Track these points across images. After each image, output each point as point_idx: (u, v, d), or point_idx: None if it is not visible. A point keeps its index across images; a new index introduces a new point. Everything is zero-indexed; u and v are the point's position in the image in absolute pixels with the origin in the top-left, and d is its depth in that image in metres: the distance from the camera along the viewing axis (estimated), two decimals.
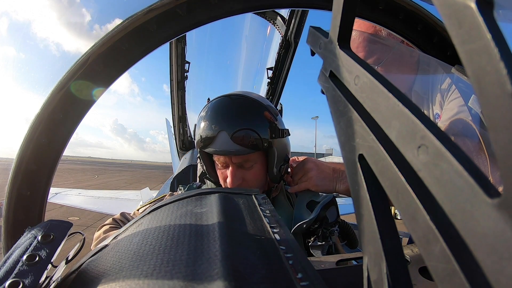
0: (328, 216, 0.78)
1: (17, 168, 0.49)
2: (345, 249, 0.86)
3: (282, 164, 0.91)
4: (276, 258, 0.25)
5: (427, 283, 0.39)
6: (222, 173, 0.90)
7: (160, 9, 0.52)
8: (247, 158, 0.85)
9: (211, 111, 0.86)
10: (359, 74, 0.23)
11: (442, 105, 0.94)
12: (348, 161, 0.24)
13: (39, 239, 0.33)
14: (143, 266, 0.24)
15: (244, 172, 0.87)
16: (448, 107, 0.89)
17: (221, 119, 0.83)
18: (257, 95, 0.93)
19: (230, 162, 0.86)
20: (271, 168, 0.88)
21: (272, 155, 0.86)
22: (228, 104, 0.86)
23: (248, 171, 0.87)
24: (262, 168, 0.89)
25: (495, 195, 0.12)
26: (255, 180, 0.88)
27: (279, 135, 0.86)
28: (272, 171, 0.88)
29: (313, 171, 0.93)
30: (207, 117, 0.85)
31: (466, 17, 0.13)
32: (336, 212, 0.82)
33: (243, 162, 0.86)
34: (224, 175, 0.89)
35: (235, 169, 0.86)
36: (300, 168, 0.97)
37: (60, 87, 0.49)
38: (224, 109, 0.85)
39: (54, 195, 5.94)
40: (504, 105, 0.11)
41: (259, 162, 0.88)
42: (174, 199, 0.38)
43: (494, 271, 0.12)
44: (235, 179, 0.85)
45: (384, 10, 0.65)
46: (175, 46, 1.85)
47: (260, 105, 0.86)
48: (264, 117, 0.85)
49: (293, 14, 1.54)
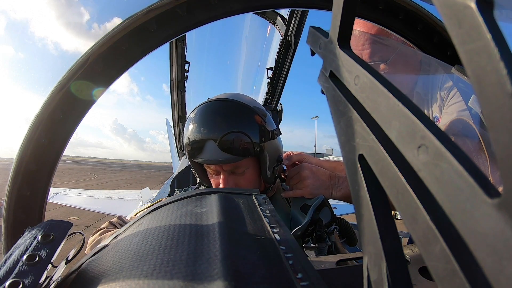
0: (322, 218, 0.78)
1: (17, 168, 0.49)
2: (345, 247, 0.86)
3: (276, 165, 0.90)
4: (276, 258, 0.25)
5: (427, 283, 0.39)
6: (214, 181, 0.89)
7: (160, 9, 0.52)
8: (238, 164, 0.83)
9: (198, 116, 0.83)
10: (359, 74, 0.23)
11: (441, 108, 0.94)
12: (348, 161, 0.24)
13: (39, 239, 0.33)
14: (143, 266, 0.24)
15: (237, 178, 0.86)
16: (448, 111, 0.89)
17: (207, 125, 0.80)
18: (246, 97, 0.90)
19: (221, 170, 0.85)
20: (264, 171, 0.86)
21: (263, 160, 0.84)
22: (214, 109, 0.83)
23: (241, 176, 0.86)
24: (255, 173, 0.87)
25: (495, 195, 0.12)
26: (249, 185, 0.87)
27: (269, 137, 0.83)
28: (266, 174, 0.86)
29: (309, 180, 0.92)
30: (194, 121, 0.83)
31: (466, 17, 0.13)
32: (330, 212, 0.81)
33: (234, 168, 0.84)
34: (216, 182, 0.88)
35: (226, 176, 0.85)
36: (296, 173, 0.95)
37: (60, 87, 0.49)
38: (210, 114, 0.82)
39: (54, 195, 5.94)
40: (504, 105, 0.11)
41: (251, 166, 0.86)
42: (174, 199, 0.38)
43: (494, 271, 0.12)
44: (227, 186, 0.84)
45: (384, 10, 0.65)
46: (175, 46, 1.85)
47: (247, 108, 0.83)
48: (252, 120, 0.82)
49: (293, 14, 1.54)
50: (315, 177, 0.93)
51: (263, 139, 0.82)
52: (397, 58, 0.97)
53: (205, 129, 0.80)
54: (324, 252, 0.73)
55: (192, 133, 0.82)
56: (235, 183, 0.85)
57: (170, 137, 5.39)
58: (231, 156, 0.78)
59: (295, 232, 0.74)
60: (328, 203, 0.81)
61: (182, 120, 2.34)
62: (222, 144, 0.78)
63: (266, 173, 0.86)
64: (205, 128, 0.80)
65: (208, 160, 0.80)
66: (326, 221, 0.78)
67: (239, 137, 0.79)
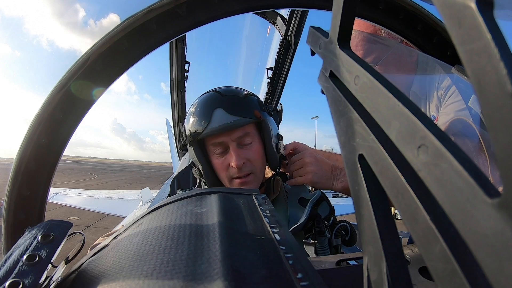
0: (320, 213, 0.78)
1: (17, 168, 0.49)
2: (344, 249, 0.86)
3: (277, 142, 0.94)
4: (276, 258, 0.25)
5: (427, 283, 0.39)
6: (222, 162, 0.88)
7: (160, 9, 0.52)
8: (246, 131, 0.86)
9: (201, 102, 0.88)
10: (359, 74, 0.23)
11: (439, 108, 0.94)
12: (348, 161, 0.24)
13: (39, 239, 0.33)
14: (143, 266, 0.24)
15: (246, 152, 0.87)
16: (445, 111, 0.89)
17: (214, 100, 0.85)
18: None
19: (229, 142, 0.85)
20: (269, 142, 0.89)
21: (267, 128, 0.89)
22: (218, 91, 0.89)
23: (249, 150, 0.88)
24: (260, 146, 0.91)
25: (495, 195, 0.12)
26: (257, 158, 0.89)
27: (268, 111, 0.92)
28: (271, 145, 0.89)
29: (312, 166, 0.92)
30: (198, 107, 0.87)
31: (466, 17, 0.13)
32: (328, 206, 0.82)
33: (242, 137, 0.86)
34: (225, 162, 0.87)
35: (236, 148, 0.86)
36: (299, 159, 0.95)
37: (60, 87, 0.49)
38: (215, 94, 0.88)
39: (54, 195, 5.95)
40: (504, 105, 0.11)
41: (256, 139, 0.90)
42: (174, 199, 0.38)
43: (494, 271, 0.12)
44: (239, 158, 0.84)
45: (384, 10, 0.65)
46: (175, 46, 1.85)
47: (247, 91, 0.93)
48: (252, 95, 0.92)
49: (293, 14, 1.54)
50: (318, 165, 0.93)
51: (263, 109, 0.90)
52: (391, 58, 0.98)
53: (210, 102, 0.86)
54: (325, 244, 0.73)
55: (196, 112, 0.86)
56: (245, 156, 0.86)
57: (170, 137, 5.38)
58: (239, 118, 0.83)
59: (294, 229, 0.74)
60: (326, 197, 0.82)
61: (182, 120, 2.33)
62: (229, 107, 0.83)
63: (271, 145, 0.90)
64: (210, 101, 0.86)
65: (217, 126, 0.82)
66: (325, 215, 0.79)
67: (245, 100, 0.88)
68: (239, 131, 0.85)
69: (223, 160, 0.87)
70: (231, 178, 0.88)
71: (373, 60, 0.98)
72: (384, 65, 0.98)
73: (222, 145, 0.86)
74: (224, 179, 0.90)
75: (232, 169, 0.86)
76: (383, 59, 0.97)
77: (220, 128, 0.82)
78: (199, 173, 0.94)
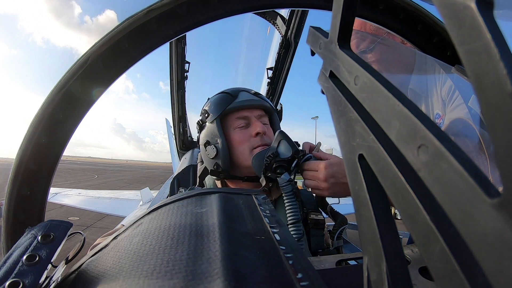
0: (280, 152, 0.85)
1: (17, 168, 0.49)
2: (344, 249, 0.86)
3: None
4: (276, 258, 0.25)
5: (427, 283, 0.39)
6: (244, 134, 0.94)
7: (160, 9, 0.52)
8: (264, 114, 0.99)
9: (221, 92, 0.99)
10: (359, 74, 0.23)
11: (444, 106, 0.93)
12: (348, 161, 0.24)
13: (39, 239, 0.33)
14: (143, 266, 0.24)
15: (265, 126, 0.95)
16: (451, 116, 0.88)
17: (236, 89, 0.98)
18: None
19: (252, 117, 0.95)
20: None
21: (277, 118, 1.04)
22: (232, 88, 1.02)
23: (267, 128, 0.97)
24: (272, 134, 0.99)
25: (495, 195, 0.12)
26: (272, 138, 0.94)
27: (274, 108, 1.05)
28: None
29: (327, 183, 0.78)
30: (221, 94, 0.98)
31: (466, 17, 0.13)
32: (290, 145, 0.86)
33: (262, 116, 0.98)
34: (249, 133, 0.94)
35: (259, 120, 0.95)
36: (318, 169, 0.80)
37: (60, 87, 0.49)
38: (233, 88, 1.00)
39: (54, 195, 5.93)
40: (504, 105, 0.11)
41: (270, 127, 1.00)
42: (174, 199, 0.38)
43: (494, 271, 0.12)
44: (263, 126, 0.93)
45: (384, 10, 0.65)
46: (175, 46, 1.85)
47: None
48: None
49: (293, 14, 1.54)
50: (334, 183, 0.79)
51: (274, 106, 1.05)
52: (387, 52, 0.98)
53: (233, 89, 0.99)
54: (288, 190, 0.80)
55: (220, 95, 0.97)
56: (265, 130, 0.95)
57: (170, 137, 5.38)
58: (264, 100, 0.99)
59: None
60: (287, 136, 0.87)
61: (182, 120, 2.33)
62: (255, 94, 0.99)
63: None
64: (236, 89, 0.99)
65: (246, 100, 0.95)
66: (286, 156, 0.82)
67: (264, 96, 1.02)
68: (260, 110, 0.98)
69: (245, 132, 0.95)
70: (252, 148, 0.93)
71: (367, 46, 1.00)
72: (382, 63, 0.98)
73: (245, 119, 0.96)
74: (245, 151, 0.93)
75: (254, 139, 0.93)
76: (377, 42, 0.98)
77: (247, 101, 0.94)
78: (215, 150, 0.94)
